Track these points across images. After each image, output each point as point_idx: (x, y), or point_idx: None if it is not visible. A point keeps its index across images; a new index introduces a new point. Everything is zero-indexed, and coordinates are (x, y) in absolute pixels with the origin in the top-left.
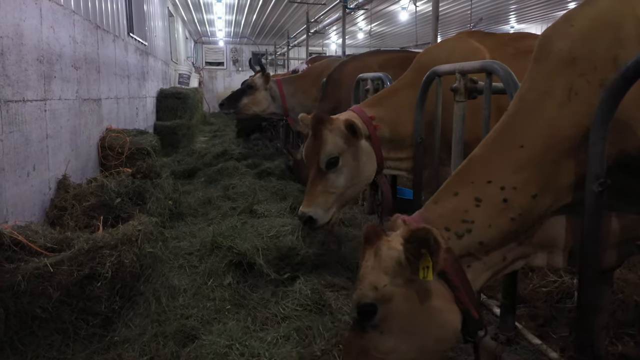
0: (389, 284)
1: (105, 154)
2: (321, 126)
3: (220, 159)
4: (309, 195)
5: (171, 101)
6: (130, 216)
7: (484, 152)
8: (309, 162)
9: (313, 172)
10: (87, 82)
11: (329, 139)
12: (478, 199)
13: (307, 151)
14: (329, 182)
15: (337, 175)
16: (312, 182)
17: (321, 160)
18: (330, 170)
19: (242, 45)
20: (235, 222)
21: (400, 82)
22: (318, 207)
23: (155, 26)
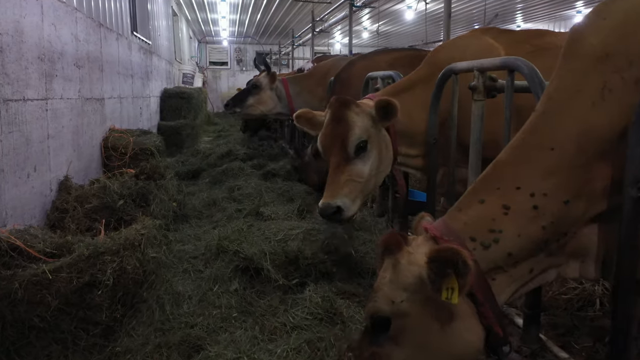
0: (406, 300)
1: (108, 154)
2: (346, 109)
3: (224, 159)
4: (332, 185)
5: (175, 101)
6: (134, 219)
7: (511, 156)
8: (329, 150)
9: (336, 159)
10: (90, 81)
11: (358, 122)
12: (506, 206)
13: (327, 138)
14: (356, 169)
15: (364, 162)
16: (335, 170)
17: (350, 144)
18: (358, 155)
19: (246, 45)
20: (241, 225)
21: (414, 77)
22: (345, 197)
23: (159, 25)
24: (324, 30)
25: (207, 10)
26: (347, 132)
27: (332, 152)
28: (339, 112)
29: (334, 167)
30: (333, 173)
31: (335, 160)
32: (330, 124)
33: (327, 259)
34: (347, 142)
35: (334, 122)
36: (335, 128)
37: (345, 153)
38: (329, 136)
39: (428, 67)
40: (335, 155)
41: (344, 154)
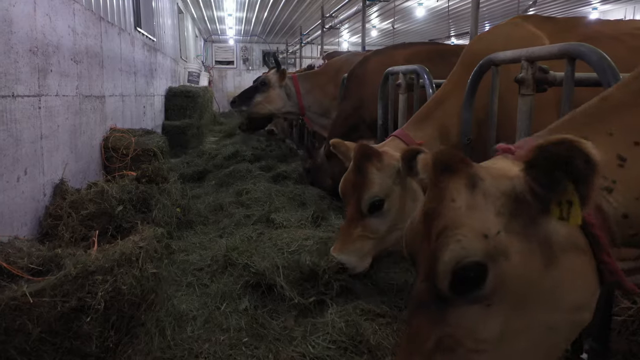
0: (503, 231)
1: (108, 155)
2: (367, 162)
3: (231, 160)
4: (343, 238)
5: (180, 100)
6: (133, 226)
7: (628, 97)
8: (346, 197)
9: (351, 210)
10: (89, 77)
11: (376, 179)
12: (622, 157)
13: (346, 185)
14: (369, 226)
15: (379, 220)
16: (348, 223)
17: (363, 202)
18: (372, 213)
19: (252, 43)
20: (250, 233)
21: (447, 85)
22: (352, 253)
23: (164, 22)
24: (333, 27)
25: (213, 8)
26: (362, 188)
27: (349, 202)
28: (360, 163)
29: (349, 219)
30: (347, 224)
31: (350, 211)
32: (351, 173)
33: (347, 274)
34: (361, 199)
35: (354, 171)
36: (354, 179)
37: (359, 209)
38: (348, 185)
39: (462, 67)
40: (351, 206)
41: (358, 208)
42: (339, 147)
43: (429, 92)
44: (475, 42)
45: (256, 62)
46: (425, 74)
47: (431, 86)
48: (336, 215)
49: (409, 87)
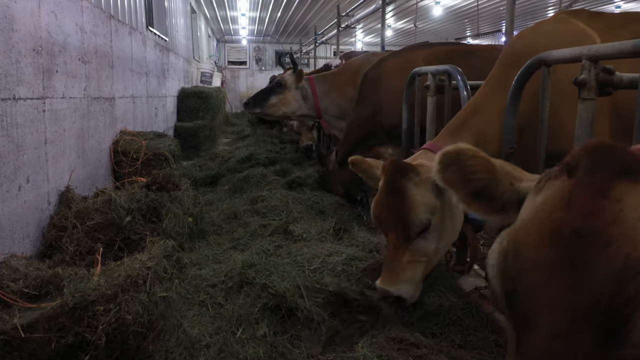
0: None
1: (118, 160)
2: (403, 179)
3: (245, 164)
4: (392, 268)
5: (193, 101)
6: (143, 237)
7: None
8: (385, 224)
9: (394, 236)
10: (98, 78)
11: (418, 197)
12: None
13: (382, 210)
14: (418, 249)
15: (427, 241)
16: (394, 250)
17: (412, 227)
18: (420, 235)
19: (265, 44)
20: (267, 246)
21: (484, 89)
22: (407, 283)
23: (176, 22)
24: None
25: (226, 7)
26: (407, 211)
27: (388, 228)
28: (395, 182)
29: (393, 246)
30: (392, 253)
31: (393, 237)
32: (386, 195)
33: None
34: (408, 223)
35: (390, 193)
36: (392, 201)
37: (406, 233)
38: (384, 209)
39: (502, 69)
40: (393, 232)
41: (404, 233)
42: (360, 165)
43: (464, 94)
44: (516, 40)
45: (269, 63)
46: (459, 74)
47: (465, 88)
48: (359, 227)
49: (439, 89)
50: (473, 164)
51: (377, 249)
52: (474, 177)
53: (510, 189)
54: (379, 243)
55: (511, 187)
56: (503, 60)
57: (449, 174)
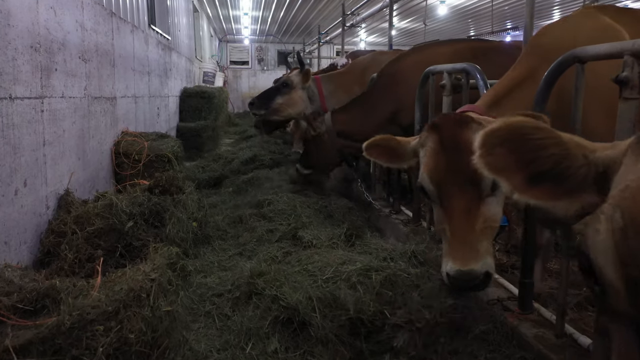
0: None
1: (119, 161)
2: (468, 130)
3: (249, 165)
4: (467, 240)
5: (195, 101)
6: (145, 244)
7: None
8: (448, 188)
9: (462, 200)
10: (99, 77)
11: None
12: None
13: (442, 172)
14: (489, 211)
15: (497, 199)
16: (464, 219)
17: (485, 182)
18: (493, 192)
19: (267, 43)
20: (275, 252)
21: (514, 73)
22: (488, 254)
23: (179, 20)
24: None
25: (229, 6)
26: None
27: (453, 192)
28: (458, 134)
29: (462, 212)
30: (461, 222)
31: (460, 202)
32: (446, 153)
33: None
34: (481, 179)
35: (451, 149)
36: (456, 157)
37: (478, 191)
38: (446, 169)
39: (532, 58)
40: (460, 195)
41: (475, 192)
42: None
43: (483, 93)
44: (541, 35)
45: (271, 62)
46: (478, 73)
47: (486, 87)
48: (371, 233)
49: (454, 88)
50: (540, 138)
51: (391, 256)
52: (543, 154)
53: (586, 163)
54: (392, 250)
55: (586, 161)
56: (531, 50)
57: (498, 158)
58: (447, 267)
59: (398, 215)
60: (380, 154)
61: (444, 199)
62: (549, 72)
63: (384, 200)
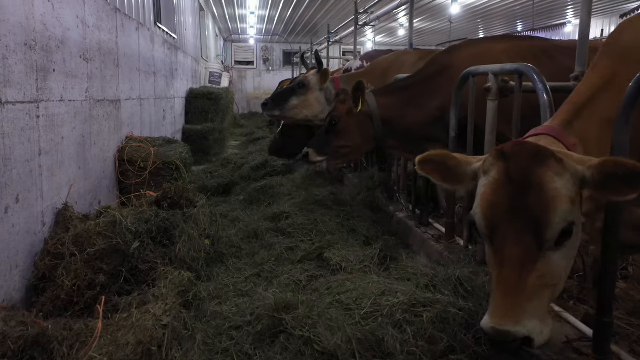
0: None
1: (123, 169)
2: (541, 166)
3: (260, 171)
4: (510, 295)
5: (202, 102)
6: (153, 267)
7: None
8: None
9: (518, 249)
10: (102, 78)
11: (563, 191)
12: None
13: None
14: (552, 266)
15: (563, 254)
16: (515, 270)
17: (551, 229)
18: (559, 245)
19: (273, 43)
20: (299, 276)
21: (591, 79)
22: (534, 317)
23: (185, 19)
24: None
25: (235, 5)
26: (546, 210)
27: (510, 236)
28: (530, 172)
29: (514, 263)
30: (511, 273)
31: (514, 251)
32: (509, 190)
33: None
34: (548, 224)
35: (517, 188)
36: (522, 198)
37: (539, 241)
38: (505, 210)
39: (610, 59)
40: (516, 242)
41: (535, 242)
42: (441, 159)
43: (544, 99)
44: (623, 30)
45: (277, 63)
46: (535, 74)
47: (546, 91)
48: (407, 254)
49: (502, 92)
50: None
51: (433, 283)
52: None
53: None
54: (434, 276)
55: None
56: (610, 50)
57: None
58: (483, 320)
59: (427, 229)
60: (434, 171)
61: (497, 242)
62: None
63: (408, 211)
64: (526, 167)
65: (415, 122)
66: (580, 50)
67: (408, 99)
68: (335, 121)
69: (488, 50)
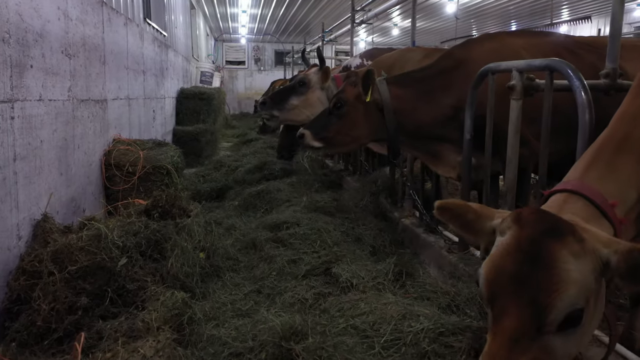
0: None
1: (110, 174)
2: (558, 245)
3: (255, 174)
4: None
5: (193, 102)
6: (142, 286)
7: None
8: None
9: (515, 323)
10: (87, 76)
11: (574, 275)
12: None
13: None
14: (552, 349)
15: (569, 340)
16: (511, 344)
17: (552, 314)
18: (563, 330)
19: (264, 43)
20: (304, 293)
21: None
22: None
23: (176, 17)
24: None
25: (227, 4)
26: (552, 292)
27: (508, 309)
28: (541, 244)
29: (507, 338)
30: (506, 347)
31: (512, 325)
32: (518, 258)
33: None
34: (549, 307)
35: (526, 258)
36: (529, 272)
37: (538, 322)
38: (510, 278)
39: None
40: (514, 316)
41: (533, 322)
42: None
43: (581, 98)
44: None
45: (268, 62)
46: (572, 71)
47: (584, 89)
48: (423, 270)
49: (526, 91)
50: None
51: (456, 303)
52: None
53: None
54: (456, 294)
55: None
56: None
57: None
58: None
59: (435, 237)
60: (452, 220)
61: (495, 310)
62: None
63: (414, 217)
64: (540, 241)
65: (426, 119)
66: (612, 45)
67: (421, 92)
68: (341, 104)
69: (508, 45)
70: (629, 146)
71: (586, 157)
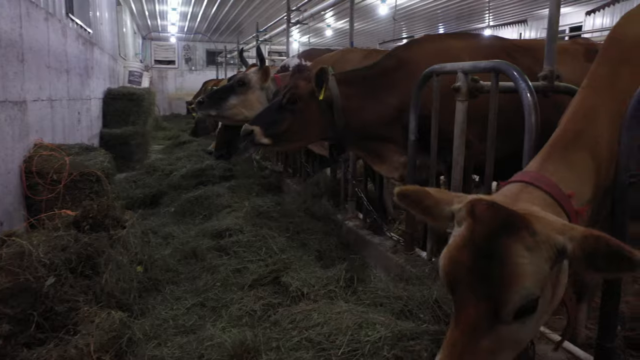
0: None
1: (32, 183)
2: (512, 239)
3: (191, 180)
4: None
5: (122, 104)
6: (73, 307)
7: None
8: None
9: (471, 315)
10: (3, 75)
11: (529, 268)
12: None
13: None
14: (507, 336)
15: (524, 326)
16: (468, 332)
17: (507, 305)
18: (518, 319)
19: (195, 42)
20: (252, 305)
21: (586, 91)
22: None
23: (101, 13)
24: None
25: (155, 1)
26: (508, 284)
27: (466, 300)
28: (495, 240)
29: (466, 325)
30: (463, 337)
31: (470, 315)
32: (475, 255)
33: None
34: (504, 301)
35: (482, 254)
36: (484, 266)
37: (495, 313)
38: (467, 270)
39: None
40: (472, 306)
41: (490, 312)
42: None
43: (527, 100)
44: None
45: (199, 62)
46: (517, 73)
47: (529, 91)
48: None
49: (472, 93)
50: None
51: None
52: None
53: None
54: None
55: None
56: (608, 54)
57: None
58: None
59: (380, 239)
60: (412, 205)
61: (456, 299)
62: None
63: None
64: (493, 237)
65: (372, 118)
66: (549, 48)
67: (367, 91)
68: (295, 100)
69: (448, 47)
70: (582, 142)
71: (543, 151)
